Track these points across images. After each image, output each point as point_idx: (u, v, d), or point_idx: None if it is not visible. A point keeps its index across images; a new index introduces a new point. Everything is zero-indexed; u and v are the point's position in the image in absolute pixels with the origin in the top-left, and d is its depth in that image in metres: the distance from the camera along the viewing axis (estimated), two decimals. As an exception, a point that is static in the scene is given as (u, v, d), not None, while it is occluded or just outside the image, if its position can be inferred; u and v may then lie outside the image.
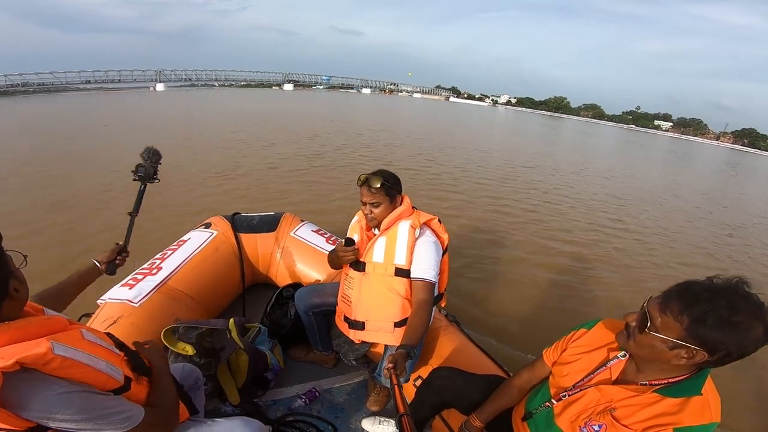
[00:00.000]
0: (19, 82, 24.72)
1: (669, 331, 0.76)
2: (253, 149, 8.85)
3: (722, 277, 0.75)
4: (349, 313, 1.61)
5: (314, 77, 52.55)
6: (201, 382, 1.49)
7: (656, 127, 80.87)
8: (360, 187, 1.51)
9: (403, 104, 38.50)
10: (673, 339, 0.75)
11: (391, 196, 1.50)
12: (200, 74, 38.70)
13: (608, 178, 10.72)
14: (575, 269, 4.40)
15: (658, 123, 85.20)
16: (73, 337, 0.80)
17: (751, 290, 0.73)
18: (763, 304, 0.71)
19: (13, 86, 24.27)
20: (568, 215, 6.46)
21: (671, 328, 0.75)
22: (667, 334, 0.76)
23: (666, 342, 0.76)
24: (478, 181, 8.03)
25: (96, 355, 0.81)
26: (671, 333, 0.75)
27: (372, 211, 1.51)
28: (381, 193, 1.48)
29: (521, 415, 1.10)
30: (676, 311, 0.74)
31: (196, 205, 5.08)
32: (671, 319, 0.75)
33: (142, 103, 19.64)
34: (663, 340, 0.76)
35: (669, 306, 0.76)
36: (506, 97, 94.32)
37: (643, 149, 26.39)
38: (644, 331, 0.79)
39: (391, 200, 1.51)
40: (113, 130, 10.35)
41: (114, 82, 31.03)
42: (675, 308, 0.75)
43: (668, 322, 0.75)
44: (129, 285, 1.85)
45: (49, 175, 6.01)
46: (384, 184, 1.47)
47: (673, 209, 8.06)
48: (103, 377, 0.81)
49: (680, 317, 0.74)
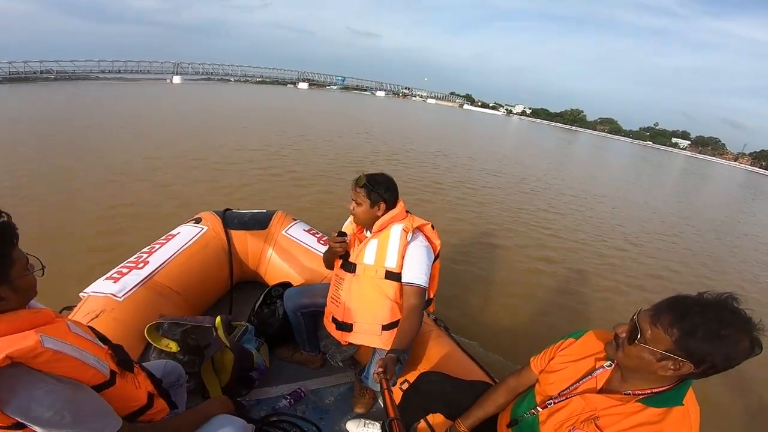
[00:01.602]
0: (38, 69, 25.48)
1: (658, 343, 0.77)
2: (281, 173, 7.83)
3: (713, 293, 0.77)
4: (338, 314, 1.59)
5: (329, 77, 52.88)
6: (183, 380, 1.47)
7: (674, 145, 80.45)
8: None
9: (419, 111, 38.29)
10: (661, 351, 0.77)
11: (371, 199, 1.47)
12: (217, 68, 39.18)
13: (611, 197, 10.16)
14: (571, 284, 4.40)
15: (675, 140, 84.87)
16: (60, 330, 0.79)
17: (740, 305, 0.75)
18: (750, 318, 0.73)
19: (34, 73, 25.06)
20: (569, 231, 6.39)
21: (661, 340, 0.77)
22: (656, 346, 0.78)
23: (654, 353, 0.78)
24: (490, 193, 7.88)
25: (84, 348, 0.80)
26: (660, 345, 0.77)
27: (354, 209, 1.51)
28: (362, 194, 1.47)
29: (506, 422, 1.10)
30: (666, 324, 0.76)
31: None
32: (662, 331, 0.77)
33: (160, 97, 19.87)
34: (651, 352, 0.78)
35: (660, 319, 0.78)
36: (521, 107, 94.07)
37: (660, 168, 25.64)
38: (634, 342, 0.81)
39: (372, 204, 1.47)
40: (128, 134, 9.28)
41: (133, 72, 31.34)
42: (666, 321, 0.77)
43: (658, 335, 0.77)
44: (113, 279, 1.81)
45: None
46: (366, 185, 1.46)
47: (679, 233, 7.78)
48: (91, 371, 0.80)
49: (670, 330, 0.76)
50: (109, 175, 5.75)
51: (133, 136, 8.97)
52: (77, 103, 15.01)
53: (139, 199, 4.96)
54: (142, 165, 6.48)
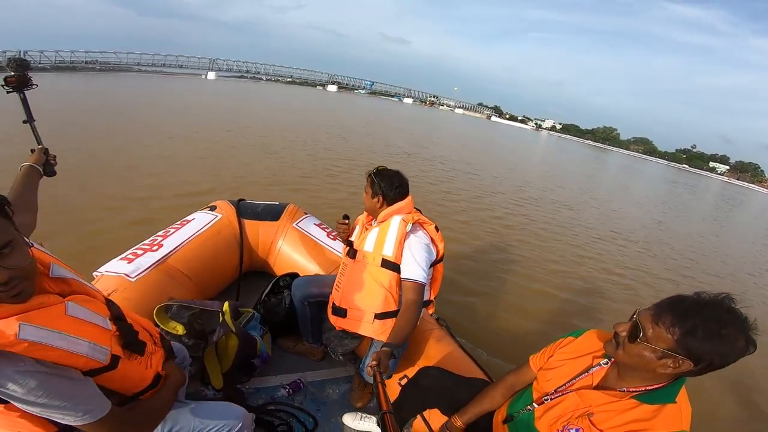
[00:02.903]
0: (84, 59, 27.17)
1: (660, 342, 0.79)
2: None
3: (710, 293, 0.79)
4: (336, 299, 1.63)
5: (358, 81, 53.65)
6: (187, 363, 1.48)
7: (711, 169, 76.40)
8: None
9: (449, 121, 37.98)
10: (662, 349, 0.79)
11: (373, 190, 1.56)
12: (250, 66, 40.31)
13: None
14: (579, 291, 4.34)
15: (713, 165, 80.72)
16: (51, 315, 0.75)
17: (736, 305, 0.77)
18: (746, 318, 0.76)
19: (80, 62, 26.81)
20: (582, 241, 6.32)
21: (662, 339, 0.79)
22: (657, 345, 0.79)
23: (655, 351, 0.80)
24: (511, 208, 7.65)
25: (76, 335, 0.77)
26: (662, 343, 0.79)
27: (364, 196, 1.62)
28: (368, 183, 1.58)
29: (502, 418, 1.10)
30: (668, 323, 0.78)
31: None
32: (663, 330, 0.78)
33: (198, 90, 21.00)
34: (652, 350, 0.80)
35: (661, 318, 0.79)
36: (550, 122, 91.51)
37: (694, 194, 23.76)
38: (635, 340, 0.82)
39: (373, 194, 1.56)
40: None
41: (170, 66, 32.86)
42: (667, 320, 0.78)
43: (660, 334, 0.79)
44: (128, 259, 1.87)
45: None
46: (371, 175, 1.58)
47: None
48: (82, 360, 0.77)
49: (672, 329, 0.77)
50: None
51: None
52: (131, 93, 16.07)
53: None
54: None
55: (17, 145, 5.04)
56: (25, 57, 1.34)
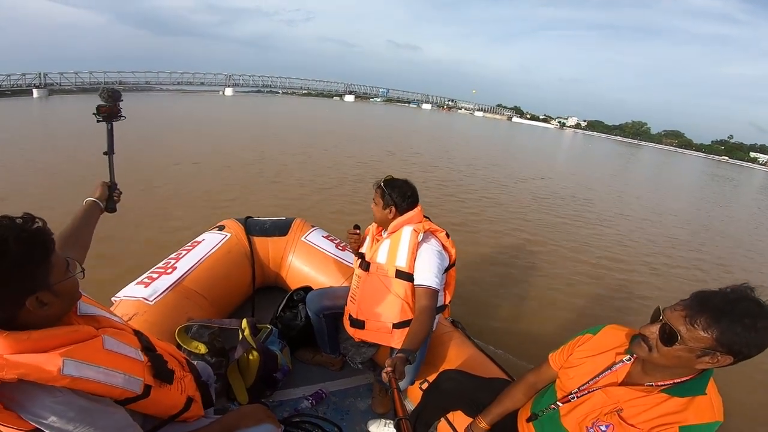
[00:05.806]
0: (103, 80, 28.09)
1: (698, 342, 0.79)
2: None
3: (731, 287, 0.80)
4: (353, 312, 1.65)
5: (373, 89, 53.35)
6: (212, 380, 1.52)
7: (752, 160, 70.42)
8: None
9: (475, 126, 36.68)
10: (701, 348, 0.79)
11: (384, 201, 1.58)
12: (266, 80, 40.43)
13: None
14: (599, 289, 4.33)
15: (754, 155, 74.03)
16: (91, 350, 0.78)
17: (755, 294, 0.79)
18: None
19: (98, 83, 27.34)
20: (604, 241, 6.18)
21: (700, 339, 0.79)
22: (696, 345, 0.79)
23: (693, 351, 0.80)
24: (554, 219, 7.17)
25: (113, 368, 0.80)
26: (700, 343, 0.79)
27: (373, 208, 1.63)
28: (378, 195, 1.59)
29: (527, 417, 1.13)
30: (704, 323, 0.78)
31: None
32: (700, 330, 0.79)
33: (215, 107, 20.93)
34: (690, 350, 0.80)
35: (695, 319, 0.79)
36: (574, 120, 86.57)
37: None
38: (673, 343, 0.82)
39: (384, 205, 1.58)
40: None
41: (189, 84, 33.37)
42: (702, 320, 0.78)
43: (696, 334, 0.79)
44: (144, 283, 1.90)
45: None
46: (381, 187, 1.58)
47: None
48: (117, 391, 0.80)
49: (709, 329, 0.78)
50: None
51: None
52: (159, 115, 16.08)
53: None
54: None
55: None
56: (115, 87, 1.35)
